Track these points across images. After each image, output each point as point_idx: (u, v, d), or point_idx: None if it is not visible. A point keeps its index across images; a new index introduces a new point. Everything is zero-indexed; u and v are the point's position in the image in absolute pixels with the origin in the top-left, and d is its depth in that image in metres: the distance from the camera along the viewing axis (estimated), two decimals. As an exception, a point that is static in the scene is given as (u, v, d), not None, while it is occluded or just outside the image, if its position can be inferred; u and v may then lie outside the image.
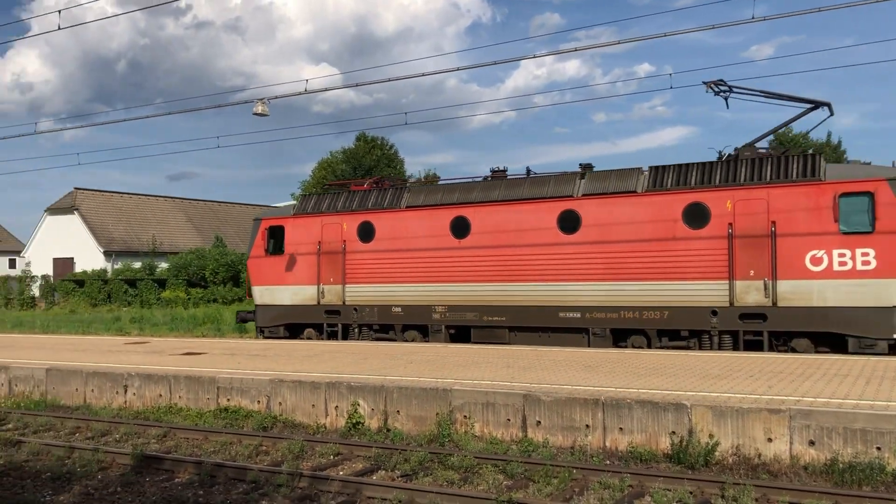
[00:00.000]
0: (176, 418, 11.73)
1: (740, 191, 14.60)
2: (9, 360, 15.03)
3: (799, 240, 14.05)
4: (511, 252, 16.62)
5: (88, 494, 8.07)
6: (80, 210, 52.77)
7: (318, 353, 15.16)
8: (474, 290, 17.04)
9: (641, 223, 15.35)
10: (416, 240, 17.80)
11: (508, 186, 17.24)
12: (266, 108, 16.11)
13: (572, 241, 16.01)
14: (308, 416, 11.11)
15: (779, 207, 14.24)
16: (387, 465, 8.82)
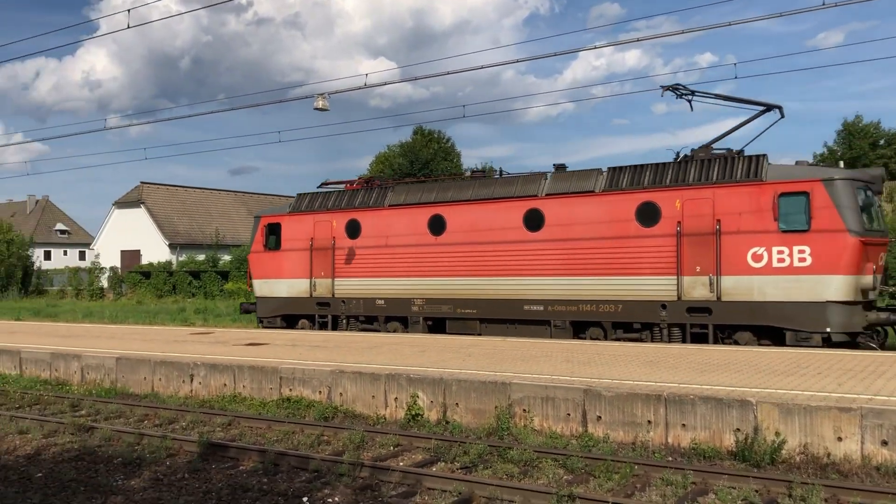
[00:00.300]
0: (240, 407, 11.99)
1: (688, 191, 15.24)
2: (81, 348, 15.57)
3: (741, 237, 14.63)
4: (482, 248, 17.58)
5: (158, 480, 8.32)
6: (146, 204, 54.25)
7: (376, 344, 15.30)
8: (449, 284, 18.05)
9: (599, 222, 16.16)
10: (398, 237, 18.87)
11: (480, 186, 18.22)
12: (326, 103, 16.29)
13: (536, 239, 16.88)
14: (368, 406, 11.24)
15: (723, 206, 14.84)
16: (446, 457, 8.87)
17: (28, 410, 12.31)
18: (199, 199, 60.18)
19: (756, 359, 12.12)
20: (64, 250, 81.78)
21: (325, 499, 7.51)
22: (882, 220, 15.30)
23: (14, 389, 13.82)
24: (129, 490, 7.95)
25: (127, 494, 7.77)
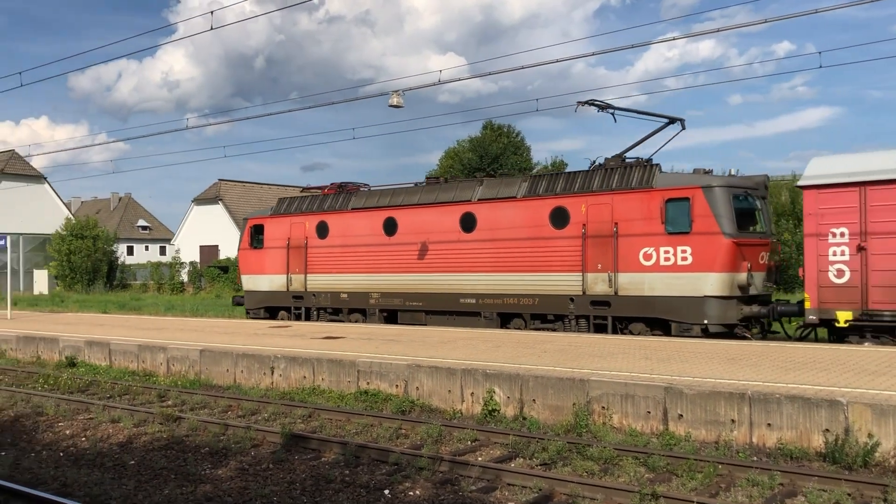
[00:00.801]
0: (319, 399, 12.23)
1: (592, 197, 16.92)
2: (166, 341, 16.12)
3: (635, 239, 16.19)
4: (426, 248, 19.53)
5: (243, 470, 8.56)
6: (223, 200, 55.69)
7: (451, 339, 15.38)
8: (400, 279, 20.04)
9: (520, 225, 17.94)
10: (358, 237, 20.95)
11: (426, 192, 20.14)
12: (401, 100, 16.44)
13: (470, 239, 18.77)
14: (444, 401, 11.31)
15: (620, 211, 16.46)
16: (524, 454, 8.86)
17: (119, 400, 12.82)
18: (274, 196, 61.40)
19: (843, 357, 11.72)
20: (145, 245, 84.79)
21: (405, 492, 7.60)
22: (766, 222, 16.64)
23: (105, 380, 14.41)
24: (216, 479, 8.20)
25: (215, 483, 8.02)
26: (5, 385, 14.23)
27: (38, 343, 17.86)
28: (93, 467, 8.74)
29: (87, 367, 16.04)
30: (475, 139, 56.11)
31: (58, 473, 8.41)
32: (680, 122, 17.64)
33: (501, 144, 54.25)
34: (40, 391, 13.40)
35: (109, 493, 7.66)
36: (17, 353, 18.17)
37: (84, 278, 48.29)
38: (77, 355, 16.68)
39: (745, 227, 15.89)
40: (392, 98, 16.41)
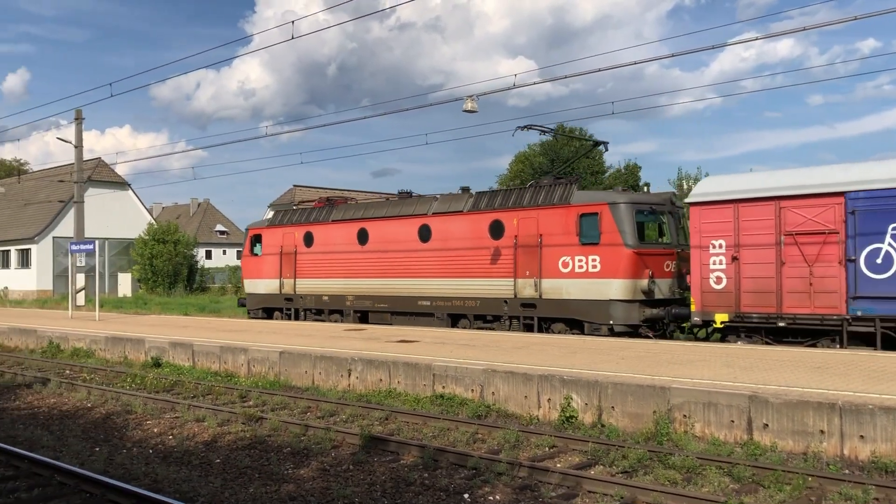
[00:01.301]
0: (395, 402, 12.34)
1: (522, 211, 19.05)
2: (247, 342, 16.53)
3: (555, 248, 18.24)
4: (391, 256, 21.84)
5: (324, 470, 8.70)
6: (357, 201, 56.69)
7: (525, 345, 15.31)
8: (370, 284, 22.43)
9: (465, 236, 20.15)
10: (337, 246, 23.36)
11: (392, 206, 22.45)
12: (475, 105, 16.50)
13: (426, 248, 20.97)
14: (521, 406, 11.27)
15: (544, 224, 18.54)
16: (604, 461, 8.77)
17: (202, 400, 13.19)
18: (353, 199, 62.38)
19: (940, 368, 11.19)
20: (223, 249, 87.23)
21: (485, 496, 7.61)
22: (673, 233, 18.31)
23: (188, 380, 14.86)
24: (299, 479, 8.37)
25: (298, 483, 8.18)
26: (96, 384, 14.83)
27: (126, 344, 18.55)
28: (181, 465, 9.02)
29: (172, 367, 16.58)
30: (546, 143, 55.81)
31: (148, 470, 8.71)
32: (604, 144, 20.57)
33: (573, 148, 53.77)
34: (128, 390, 13.91)
35: (197, 490, 7.90)
36: (106, 354, 18.90)
37: (165, 281, 49.91)
38: (162, 356, 17.26)
39: (648, 239, 18.16)
40: (466, 103, 16.47)
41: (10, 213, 55.80)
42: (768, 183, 15.64)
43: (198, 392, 13.91)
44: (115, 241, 52.67)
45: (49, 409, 12.78)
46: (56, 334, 20.98)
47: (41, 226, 51.16)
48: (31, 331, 22.05)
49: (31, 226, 52.17)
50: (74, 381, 15.13)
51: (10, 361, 18.95)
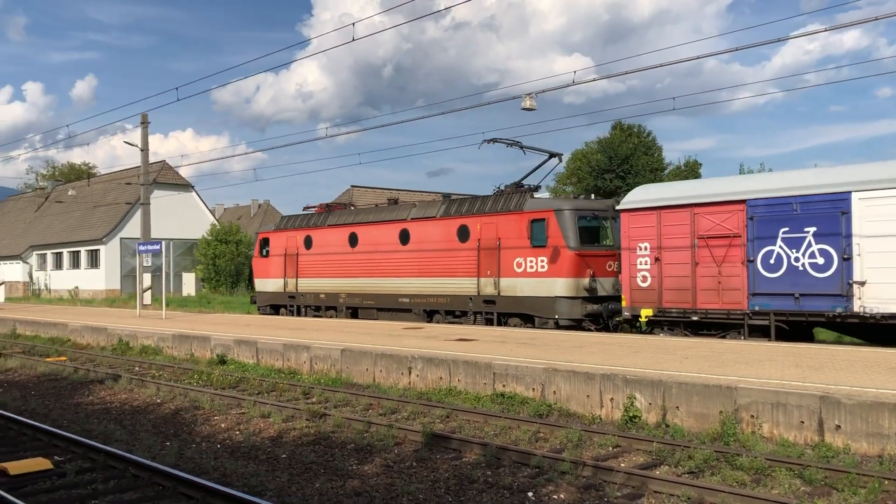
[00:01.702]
0: (455, 400, 12.38)
1: (484, 217, 21.27)
2: (309, 340, 16.78)
3: (511, 251, 20.34)
4: (376, 257, 24.10)
5: (388, 467, 8.79)
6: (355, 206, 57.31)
7: (585, 344, 15.20)
8: (359, 283, 24.82)
9: (437, 239, 22.31)
10: (331, 248, 25.78)
11: (378, 212, 24.86)
12: (534, 103, 16.43)
13: (405, 250, 23.27)
14: (583, 406, 11.19)
15: (503, 229, 20.68)
16: (669, 461, 8.65)
17: (267, 396, 13.46)
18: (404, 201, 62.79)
19: None
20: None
21: (549, 495, 7.58)
22: (615, 236, 19.77)
23: (253, 377, 15.16)
24: (363, 475, 8.46)
25: (362, 479, 8.28)
26: (165, 380, 15.25)
27: (192, 341, 19.03)
28: (248, 459, 9.22)
29: (237, 364, 16.94)
30: (604, 140, 55.21)
31: (217, 464, 8.92)
32: (558, 156, 22.10)
33: (632, 145, 53.09)
34: (196, 386, 14.27)
35: (265, 484, 8.06)
36: (173, 351, 19.42)
37: (228, 281, 50.96)
38: (227, 353, 17.65)
39: (591, 242, 19.79)
40: (525, 101, 16.41)
41: (80, 215, 57.72)
42: (685, 192, 17.53)
43: (262, 389, 14.18)
44: (180, 241, 54.00)
45: (121, 405, 13.19)
46: (125, 332, 21.64)
47: (109, 227, 52.80)
48: (102, 329, 22.79)
49: (99, 227, 53.89)
50: (144, 377, 15.58)
51: (82, 358, 19.61)
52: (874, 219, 14.45)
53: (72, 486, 8.09)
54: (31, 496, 7.61)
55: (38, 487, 8.05)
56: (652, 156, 54.42)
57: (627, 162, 52.09)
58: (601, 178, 52.55)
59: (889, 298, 14.23)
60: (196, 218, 55.99)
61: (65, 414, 12.37)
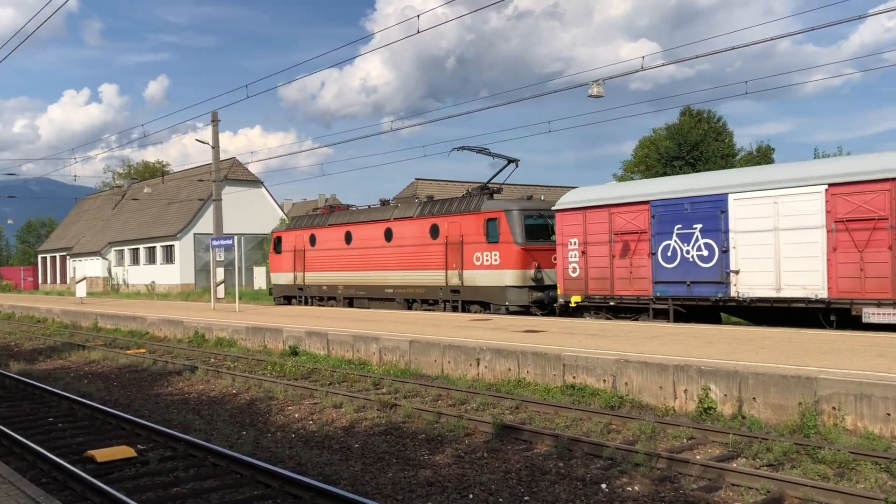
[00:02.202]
0: (525, 392, 12.34)
1: (450, 217, 24.20)
2: (377, 332, 16.96)
3: (472, 246, 23.27)
4: (366, 253, 27.50)
5: (459, 457, 8.82)
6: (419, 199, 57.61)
7: (657, 335, 14.95)
8: (353, 276, 28.27)
9: (414, 235, 25.46)
10: (331, 245, 29.37)
11: (368, 212, 28.49)
12: (601, 90, 16.19)
13: (389, 246, 26.49)
14: (655, 397, 11.02)
15: (465, 227, 23.57)
16: (747, 454, 8.44)
17: (338, 387, 13.66)
18: (468, 192, 62.89)
19: None
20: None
21: (623, 487, 7.49)
22: None
23: (324, 367, 15.42)
24: (435, 465, 8.52)
25: (434, 469, 8.34)
26: (239, 371, 15.64)
27: (265, 333, 19.45)
28: (322, 449, 9.38)
29: (308, 355, 17.25)
30: (672, 126, 54.16)
31: (292, 453, 9.10)
32: (515, 162, 24.44)
33: (701, 131, 51.94)
34: (269, 377, 14.59)
35: (339, 473, 8.19)
36: (247, 343, 19.89)
37: (297, 274, 51.94)
38: (299, 345, 17.98)
39: (537, 238, 22.27)
40: (592, 88, 16.18)
41: (156, 211, 59.57)
42: (604, 194, 20.10)
43: (334, 379, 14.40)
44: (251, 236, 55.21)
45: (198, 395, 13.58)
46: (201, 325, 22.26)
47: (183, 223, 54.34)
48: (179, 322, 23.49)
49: (174, 223, 55.52)
50: (219, 368, 16.01)
51: (161, 350, 20.27)
52: (745, 217, 16.60)
53: (155, 473, 8.38)
54: (117, 482, 7.91)
55: (123, 474, 8.36)
56: (722, 142, 53.17)
57: (697, 148, 51.01)
58: (670, 165, 51.57)
59: (756, 285, 16.43)
60: (266, 213, 57.16)
61: (146, 404, 12.81)
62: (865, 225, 14.74)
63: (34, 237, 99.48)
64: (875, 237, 14.64)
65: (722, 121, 54.61)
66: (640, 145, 59.37)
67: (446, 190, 61.50)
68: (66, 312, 31.58)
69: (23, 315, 35.35)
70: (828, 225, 15.19)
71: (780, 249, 15.93)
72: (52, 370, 17.55)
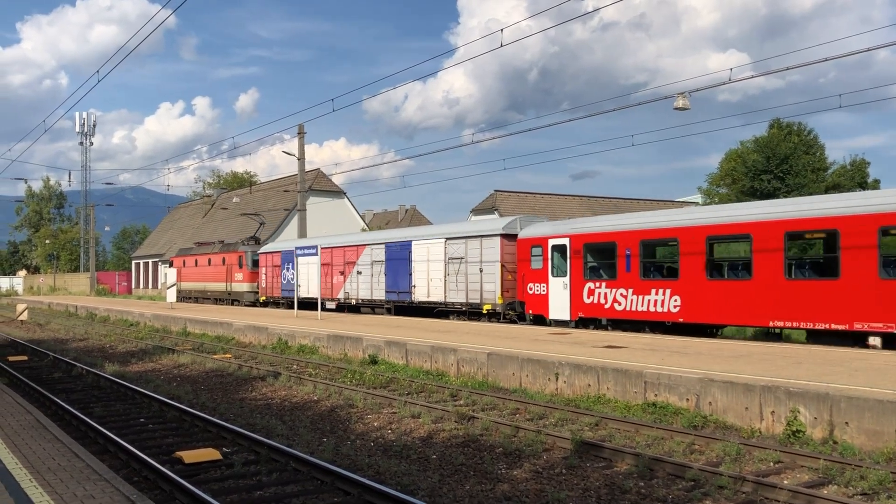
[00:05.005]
0: (604, 408, 12.15)
1: (226, 254, 43.54)
2: (456, 343, 17.01)
3: (236, 270, 42.28)
4: (201, 271, 47.31)
5: (537, 472, 8.75)
6: (499, 210, 57.60)
7: (745, 353, 14.51)
8: (197, 284, 47.55)
9: (214, 263, 45.62)
10: (191, 266, 48.89)
11: (204, 248, 49.25)
12: (687, 102, 15.88)
13: (206, 268, 47.15)
14: (741, 418, 10.69)
15: (230, 260, 42.89)
16: (839, 481, 8.09)
17: (416, 397, 13.76)
18: (548, 204, 62.47)
19: None
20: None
21: (706, 510, 7.29)
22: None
23: (403, 377, 15.56)
24: (513, 479, 8.48)
25: (512, 483, 8.30)
26: (321, 378, 15.93)
27: (345, 342, 19.77)
28: (400, 458, 9.46)
29: (387, 364, 17.44)
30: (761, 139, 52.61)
31: (371, 461, 9.21)
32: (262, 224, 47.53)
33: (791, 144, 50.26)
34: (349, 385, 14.82)
35: (417, 483, 8.24)
36: (328, 351, 20.25)
37: (377, 284, 52.61)
38: (378, 354, 18.21)
39: (257, 266, 40.40)
40: (678, 100, 15.89)
41: (243, 220, 61.38)
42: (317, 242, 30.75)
43: (412, 389, 14.51)
44: (332, 245, 56.27)
45: (281, 401, 13.90)
46: (284, 332, 22.79)
47: (269, 232, 55.79)
48: (263, 328, 24.12)
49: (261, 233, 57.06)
50: (301, 375, 16.35)
51: (245, 356, 20.84)
52: (418, 255, 27.97)
53: (239, 476, 8.62)
54: (204, 484, 8.17)
55: (209, 476, 8.63)
56: (813, 155, 51.33)
57: (787, 162, 49.40)
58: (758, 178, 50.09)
59: (423, 294, 27.73)
60: (348, 223, 58.18)
61: (231, 408, 13.19)
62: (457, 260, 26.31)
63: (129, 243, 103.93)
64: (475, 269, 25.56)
65: (813, 133, 52.73)
66: (726, 158, 57.84)
67: (525, 202, 61.31)
68: (157, 317, 32.84)
69: (117, 318, 36.95)
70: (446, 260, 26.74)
71: (429, 274, 27.34)
72: (144, 372, 18.28)
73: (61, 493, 6.29)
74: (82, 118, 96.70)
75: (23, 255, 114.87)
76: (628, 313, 19.90)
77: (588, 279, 21.11)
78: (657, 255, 20.36)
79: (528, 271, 22.99)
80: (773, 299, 16.26)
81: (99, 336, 29.02)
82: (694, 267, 18.06)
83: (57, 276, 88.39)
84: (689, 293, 18.17)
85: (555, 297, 22.11)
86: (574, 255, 21.51)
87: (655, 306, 19.02)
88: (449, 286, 26.13)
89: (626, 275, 19.83)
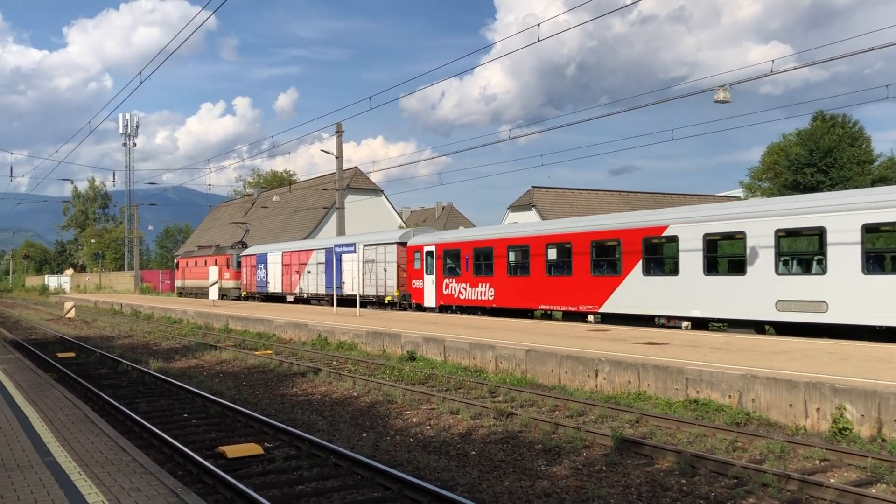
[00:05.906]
0: (645, 405, 12.04)
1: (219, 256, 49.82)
2: (493, 340, 17.00)
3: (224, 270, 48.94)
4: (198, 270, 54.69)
5: (577, 469, 8.71)
6: (536, 206, 57.39)
7: (786, 350, 14.26)
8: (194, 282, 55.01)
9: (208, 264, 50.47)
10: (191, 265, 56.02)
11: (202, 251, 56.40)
12: (728, 95, 15.62)
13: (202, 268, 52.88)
14: (784, 415, 10.51)
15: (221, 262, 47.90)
16: (887, 480, 7.92)
17: (454, 393, 13.78)
18: (586, 201, 62.04)
19: None
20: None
21: (750, 508, 7.19)
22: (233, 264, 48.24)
23: (441, 373, 15.59)
24: (552, 476, 8.45)
25: (552, 480, 8.27)
26: (360, 374, 16.04)
27: (384, 338, 19.88)
28: (439, 454, 9.49)
29: (425, 361, 17.50)
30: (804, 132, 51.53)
31: (410, 457, 9.25)
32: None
33: (835, 136, 49.17)
34: (388, 381, 14.89)
35: (456, 479, 8.26)
36: (367, 347, 20.38)
37: (415, 281, 52.81)
38: (416, 350, 18.27)
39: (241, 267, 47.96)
40: (718, 93, 15.63)
41: (283, 218, 62.07)
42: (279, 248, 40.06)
43: (450, 385, 14.54)
44: (370, 243, 56.62)
45: (321, 397, 14.03)
46: (324, 328, 22.99)
47: (308, 229, 56.35)
48: (303, 325, 24.35)
49: (300, 230, 57.65)
50: (341, 371, 16.48)
51: (286, 352, 21.07)
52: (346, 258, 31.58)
53: (281, 471, 8.72)
54: (246, 478, 8.28)
55: (251, 471, 8.75)
56: (859, 147, 50.13)
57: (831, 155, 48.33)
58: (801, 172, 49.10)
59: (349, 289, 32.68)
60: (385, 220, 58.43)
61: (272, 403, 13.35)
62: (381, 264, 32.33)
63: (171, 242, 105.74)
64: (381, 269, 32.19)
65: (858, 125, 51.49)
66: (768, 151, 56.82)
67: (563, 198, 60.96)
68: (200, 314, 33.36)
69: (161, 316, 37.63)
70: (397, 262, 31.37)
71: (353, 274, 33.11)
72: (187, 368, 18.59)
73: (109, 485, 6.43)
74: (126, 119, 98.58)
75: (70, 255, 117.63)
76: (468, 301, 27.15)
77: (446, 276, 28.30)
78: (482, 258, 26.63)
79: (412, 270, 30.30)
80: (541, 289, 23.78)
81: (143, 333, 29.58)
82: (501, 267, 25.51)
83: (102, 275, 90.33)
84: (499, 286, 25.63)
85: (427, 289, 29.31)
86: (438, 259, 28.67)
87: (482, 296, 26.46)
88: (366, 282, 33.15)
89: (466, 273, 27.31)
